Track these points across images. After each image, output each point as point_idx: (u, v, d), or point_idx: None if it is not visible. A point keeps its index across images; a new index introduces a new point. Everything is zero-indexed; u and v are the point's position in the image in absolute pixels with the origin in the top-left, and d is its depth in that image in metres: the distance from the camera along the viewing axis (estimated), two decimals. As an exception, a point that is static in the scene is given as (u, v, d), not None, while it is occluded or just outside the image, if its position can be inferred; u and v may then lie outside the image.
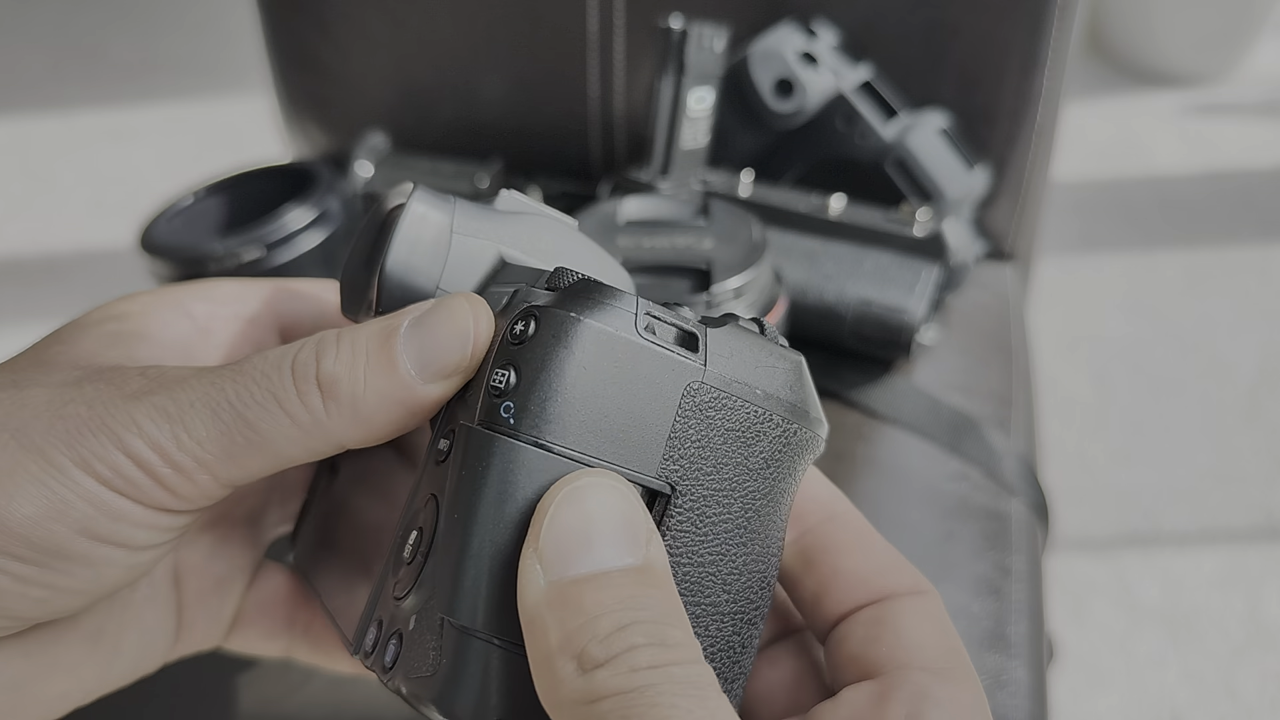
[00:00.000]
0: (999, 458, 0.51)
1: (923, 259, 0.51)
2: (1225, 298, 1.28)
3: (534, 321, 0.20)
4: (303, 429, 0.22)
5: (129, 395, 0.22)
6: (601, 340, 0.19)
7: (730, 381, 0.21)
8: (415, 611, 0.20)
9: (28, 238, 1.47)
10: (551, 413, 0.19)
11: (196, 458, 0.21)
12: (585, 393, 0.19)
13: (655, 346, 0.20)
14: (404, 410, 0.22)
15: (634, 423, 0.20)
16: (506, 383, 0.19)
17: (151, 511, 0.22)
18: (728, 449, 0.21)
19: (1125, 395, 1.16)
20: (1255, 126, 1.60)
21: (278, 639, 0.30)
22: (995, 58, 0.59)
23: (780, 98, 0.57)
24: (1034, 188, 0.65)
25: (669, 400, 0.20)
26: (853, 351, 0.53)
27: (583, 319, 0.19)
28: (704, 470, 0.21)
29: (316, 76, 0.69)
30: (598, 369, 0.19)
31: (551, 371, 0.19)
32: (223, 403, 0.22)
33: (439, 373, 0.22)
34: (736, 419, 0.21)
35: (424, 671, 0.19)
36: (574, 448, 0.19)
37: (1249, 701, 0.87)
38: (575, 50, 0.63)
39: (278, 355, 0.22)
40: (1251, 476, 1.06)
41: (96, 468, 0.21)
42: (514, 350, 0.20)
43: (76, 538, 0.21)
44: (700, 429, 0.20)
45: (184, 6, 2.04)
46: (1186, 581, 0.97)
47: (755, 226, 0.47)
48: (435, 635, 0.19)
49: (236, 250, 0.51)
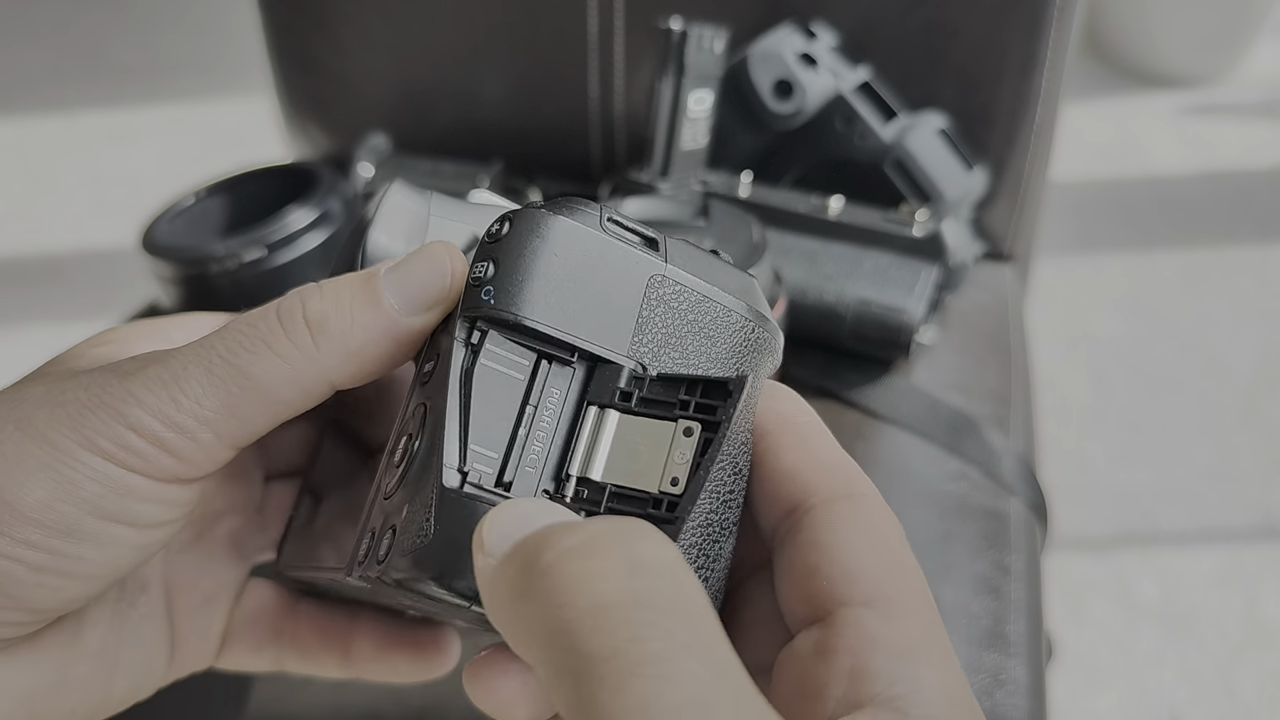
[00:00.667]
0: (998, 457, 0.51)
1: (922, 259, 0.52)
2: (1223, 298, 1.29)
3: (508, 221, 0.21)
4: (294, 366, 0.22)
5: (124, 374, 0.22)
6: (570, 232, 0.21)
7: (691, 278, 0.22)
8: (407, 500, 0.21)
9: (29, 238, 1.48)
10: (527, 292, 0.21)
11: (197, 416, 0.22)
12: (557, 278, 0.21)
13: (619, 242, 0.22)
14: (390, 341, 0.23)
15: (604, 307, 0.21)
16: (485, 272, 0.21)
17: (159, 484, 0.23)
18: (693, 340, 0.22)
19: (1124, 395, 1.16)
20: (1253, 127, 1.60)
21: (266, 651, 0.30)
22: (994, 59, 0.60)
23: (780, 99, 0.58)
24: (1032, 188, 0.65)
25: (634, 289, 0.22)
26: (852, 351, 0.53)
27: (552, 214, 0.21)
28: (675, 358, 0.22)
29: (317, 77, 0.70)
30: (568, 258, 0.21)
31: (525, 256, 0.21)
32: (214, 358, 0.22)
33: (421, 304, 0.23)
34: (698, 313, 0.22)
35: (418, 544, 0.20)
36: (550, 323, 0.21)
37: (1247, 700, 0.87)
38: (575, 52, 0.64)
39: (260, 309, 0.23)
40: (1249, 476, 1.06)
41: (101, 445, 0.22)
42: (491, 246, 0.21)
43: (87, 518, 0.22)
44: (665, 318, 0.22)
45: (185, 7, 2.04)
46: (1185, 580, 0.97)
47: (755, 227, 0.48)
48: (426, 509, 0.20)
49: (238, 251, 0.51)
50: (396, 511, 0.21)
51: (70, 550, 0.22)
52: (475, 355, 0.21)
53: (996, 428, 0.53)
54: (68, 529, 0.22)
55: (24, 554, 0.21)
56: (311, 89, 0.70)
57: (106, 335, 0.27)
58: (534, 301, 0.21)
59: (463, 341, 0.21)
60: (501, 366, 0.21)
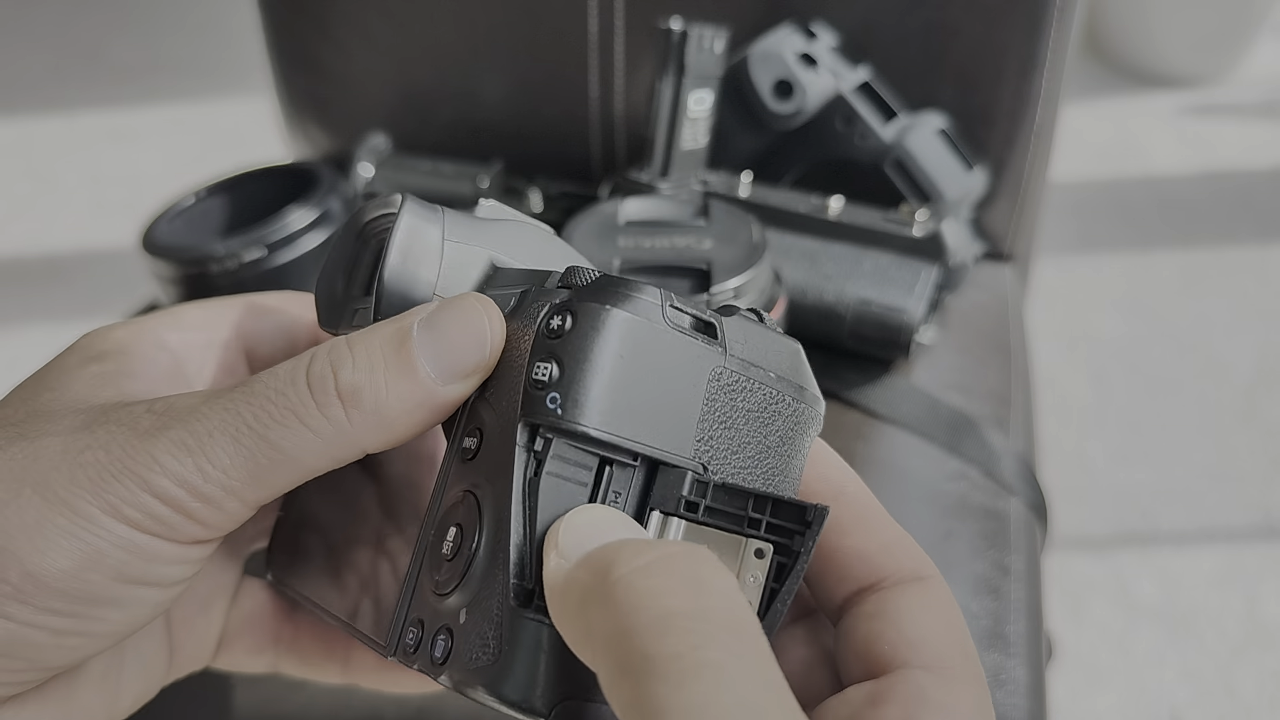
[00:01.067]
0: (997, 457, 0.51)
1: (922, 259, 0.52)
2: (1223, 298, 1.29)
3: (570, 316, 0.20)
4: (326, 441, 0.22)
5: (144, 433, 0.22)
6: (635, 330, 0.20)
7: (748, 365, 0.22)
8: (465, 605, 0.20)
9: (30, 238, 1.48)
10: (596, 401, 0.20)
11: (224, 486, 0.21)
12: (623, 381, 0.20)
13: (682, 334, 0.21)
14: (425, 412, 0.22)
15: (667, 408, 0.21)
16: (550, 375, 0.20)
17: (182, 547, 0.22)
18: (749, 429, 0.22)
19: (1123, 395, 1.16)
20: (1253, 127, 1.60)
21: (264, 654, 0.30)
22: (994, 59, 0.60)
23: (780, 99, 0.58)
24: (1032, 188, 0.65)
25: (697, 385, 0.21)
26: (852, 351, 0.53)
27: (617, 310, 0.20)
28: (730, 450, 0.22)
29: (317, 78, 0.70)
30: (633, 357, 0.20)
31: (593, 361, 0.20)
32: (242, 427, 0.22)
33: (458, 374, 0.22)
34: (754, 400, 0.22)
35: (483, 661, 0.20)
36: (617, 433, 0.20)
37: (1247, 700, 0.87)
38: (575, 52, 0.64)
39: (288, 370, 0.22)
40: (1249, 476, 1.06)
41: (126, 512, 0.21)
42: (553, 344, 0.20)
43: (112, 584, 0.21)
44: (724, 411, 0.22)
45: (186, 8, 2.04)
46: (1185, 580, 0.97)
47: (755, 227, 0.48)
48: (492, 625, 0.20)
49: (238, 251, 0.52)
50: (452, 614, 0.21)
51: (93, 614, 0.22)
52: (539, 464, 0.20)
53: (996, 428, 0.53)
54: (92, 596, 0.21)
55: (47, 621, 0.21)
56: (311, 89, 0.70)
57: (97, 345, 0.26)
58: (603, 411, 0.20)
59: (525, 447, 0.20)
60: (566, 476, 0.21)
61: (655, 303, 0.21)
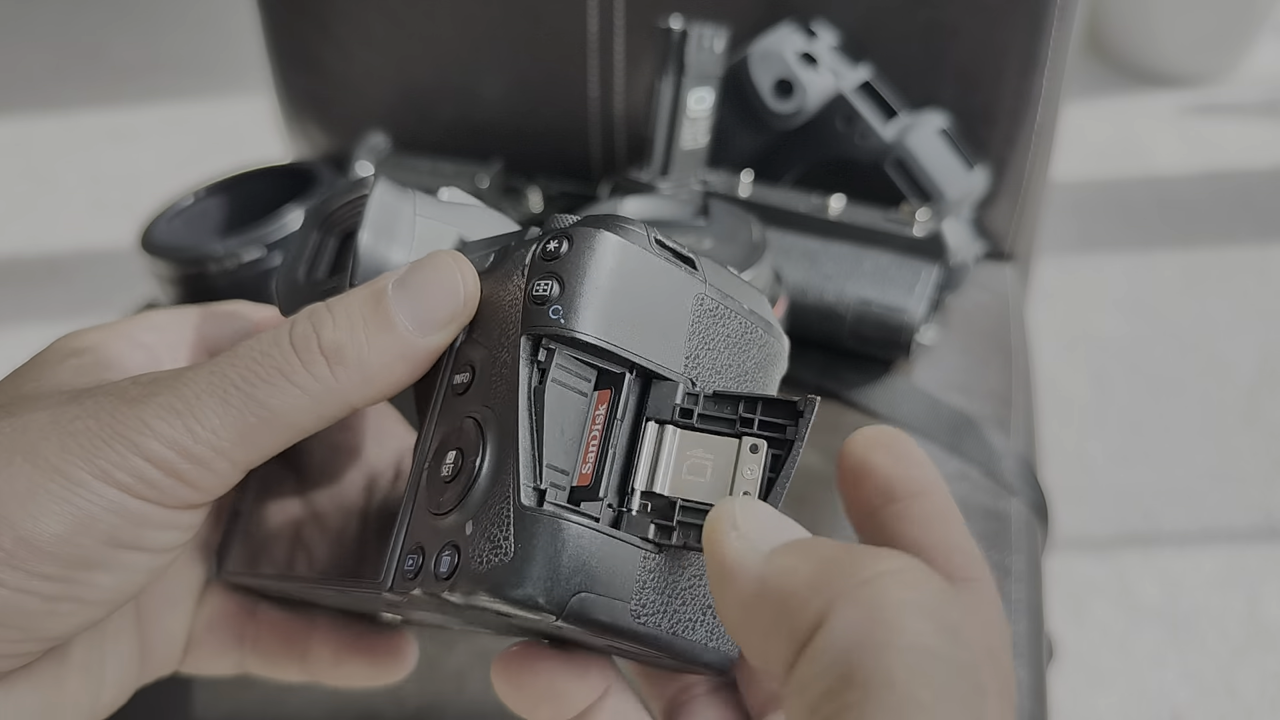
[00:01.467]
0: (998, 457, 0.51)
1: (922, 259, 0.52)
2: (1224, 298, 1.29)
3: (566, 239, 0.22)
4: (314, 398, 0.22)
5: (132, 400, 0.22)
6: (627, 252, 0.22)
7: (725, 295, 0.23)
8: (471, 517, 0.21)
9: (29, 238, 1.48)
10: (595, 310, 0.21)
11: (213, 446, 0.22)
12: (619, 297, 0.21)
13: (668, 262, 0.22)
14: (407, 364, 0.23)
15: (658, 324, 0.22)
16: (550, 290, 0.21)
17: (173, 511, 0.22)
18: (729, 354, 0.23)
19: (1124, 395, 1.16)
20: (1255, 127, 1.60)
21: (229, 655, 0.30)
22: (995, 58, 0.59)
23: (780, 98, 0.57)
24: (1033, 188, 0.65)
25: (684, 308, 0.22)
26: (852, 351, 0.53)
27: (610, 234, 0.22)
28: (714, 370, 0.23)
29: (317, 77, 0.69)
30: (626, 276, 0.22)
31: (590, 275, 0.21)
32: (229, 388, 0.22)
33: (435, 325, 0.23)
34: (732, 328, 0.23)
35: (494, 562, 0.20)
36: (616, 342, 0.21)
37: (1249, 701, 0.87)
38: (575, 51, 0.64)
39: (271, 335, 0.23)
40: (1250, 476, 1.06)
41: (117, 477, 0.21)
42: (552, 264, 0.22)
43: (104, 548, 0.22)
44: (708, 334, 0.23)
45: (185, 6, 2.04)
46: (1186, 581, 0.97)
47: (755, 226, 0.48)
48: (503, 527, 0.20)
49: (237, 250, 0.51)
50: (456, 530, 0.21)
51: (85, 579, 0.22)
52: (544, 373, 0.21)
53: (997, 428, 0.53)
54: (84, 560, 0.22)
55: (39, 586, 0.21)
56: (311, 89, 0.70)
57: (74, 343, 0.26)
58: (602, 320, 0.21)
59: (528, 359, 0.21)
60: (569, 384, 0.22)
61: (642, 233, 0.22)
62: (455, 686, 0.42)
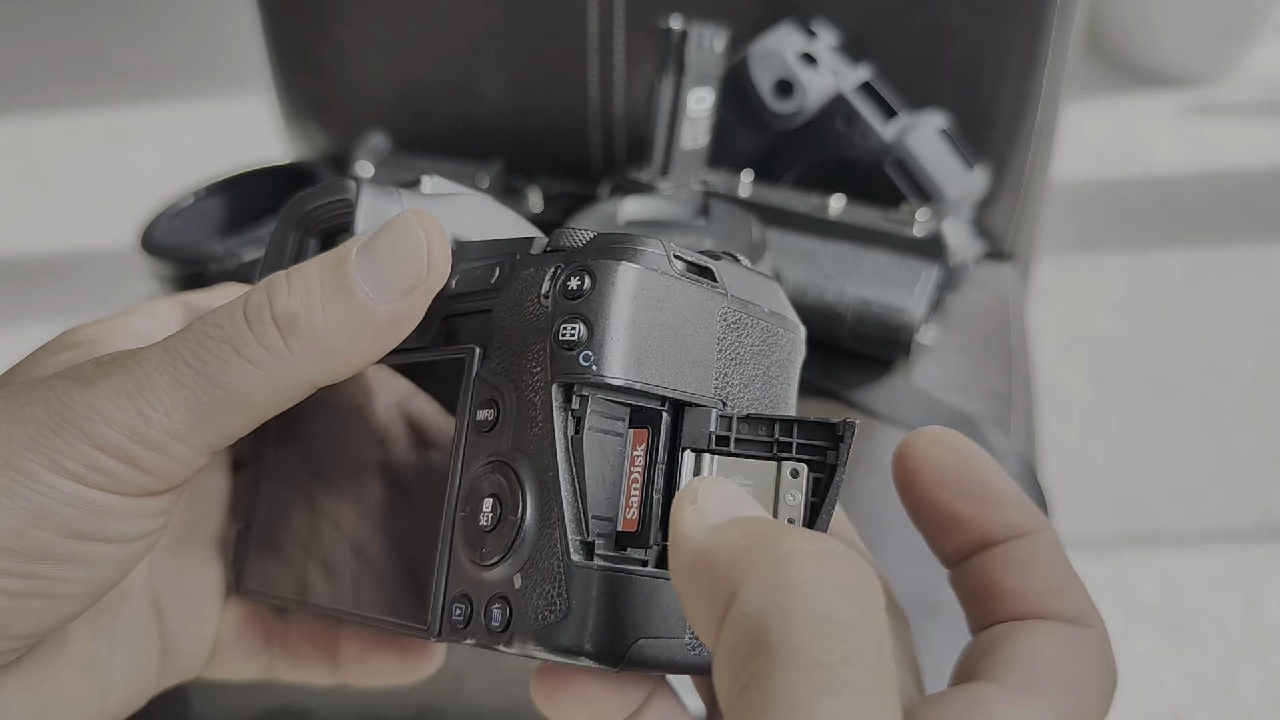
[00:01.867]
0: (999, 457, 0.51)
1: (922, 259, 0.52)
2: (1224, 298, 1.29)
3: (587, 275, 0.21)
4: (267, 372, 0.21)
5: (85, 382, 0.21)
6: (652, 282, 0.21)
7: (746, 304, 0.23)
8: (518, 571, 0.21)
9: (29, 238, 1.47)
10: (627, 353, 0.21)
11: (167, 430, 0.21)
12: (647, 331, 0.21)
13: (690, 281, 0.22)
14: (369, 335, 0.22)
15: (688, 352, 0.22)
16: (578, 334, 0.20)
17: (134, 500, 0.21)
18: (754, 363, 0.23)
19: (1124, 395, 1.16)
20: (1255, 126, 1.60)
21: (257, 659, 0.29)
22: (995, 58, 0.59)
23: (780, 98, 0.57)
24: (1033, 188, 0.65)
25: (710, 328, 0.22)
26: (852, 351, 0.53)
27: (633, 265, 0.21)
28: (743, 384, 0.23)
29: (317, 77, 0.69)
30: (653, 308, 0.21)
31: (620, 316, 0.21)
32: (180, 365, 0.21)
33: (398, 291, 0.22)
34: (755, 336, 0.23)
35: (551, 619, 0.20)
36: (650, 381, 0.21)
37: (1249, 701, 0.87)
38: (575, 50, 0.64)
39: (226, 307, 0.22)
40: (1250, 476, 1.06)
41: (69, 467, 0.20)
42: (576, 304, 0.21)
43: (64, 541, 0.21)
44: (734, 349, 0.23)
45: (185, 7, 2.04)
46: (1186, 581, 0.97)
47: (755, 226, 0.48)
48: (555, 584, 0.20)
49: (237, 250, 0.51)
50: (505, 582, 0.21)
51: (50, 573, 0.21)
52: (579, 422, 0.21)
53: (997, 428, 0.53)
54: (43, 554, 0.21)
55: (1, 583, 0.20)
56: (311, 89, 0.70)
57: (71, 336, 0.25)
58: (634, 361, 0.21)
59: (562, 408, 0.21)
60: (605, 429, 0.21)
61: (662, 253, 0.21)
62: (455, 687, 0.42)
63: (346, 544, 0.26)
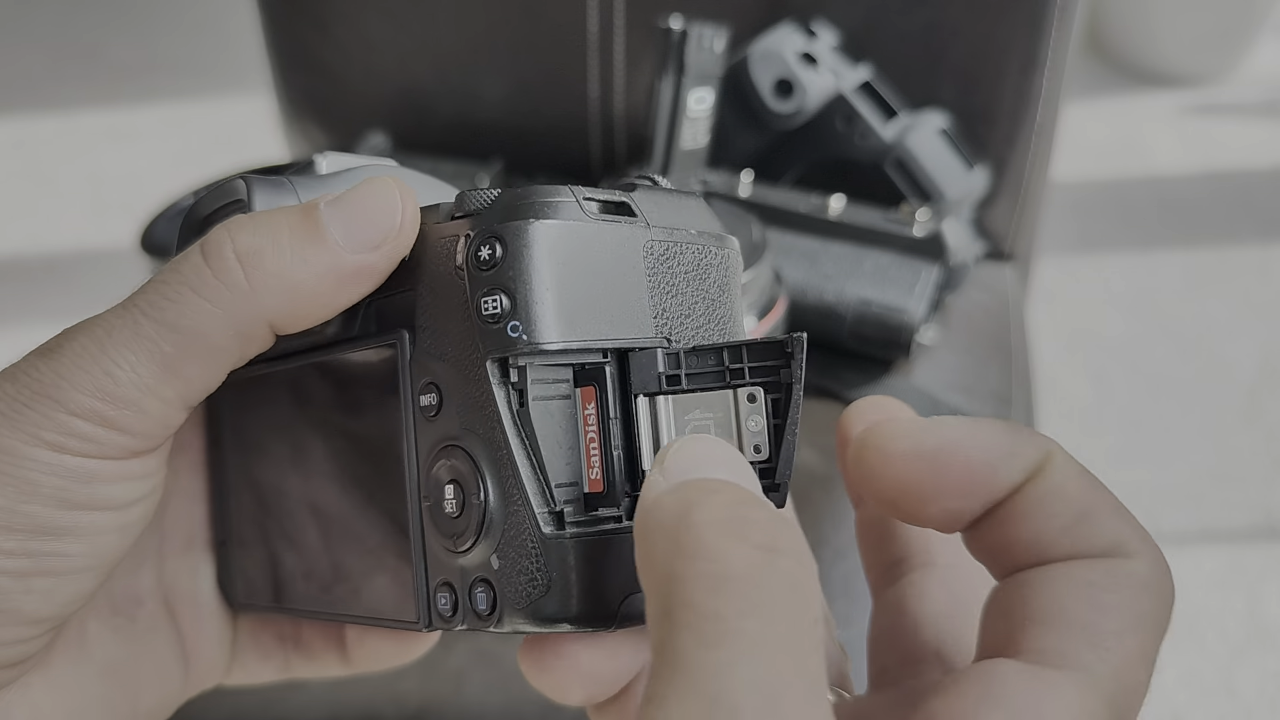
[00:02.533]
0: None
1: (922, 259, 0.52)
2: (1224, 298, 1.29)
3: (497, 242, 0.20)
4: (225, 309, 0.21)
5: (49, 353, 0.21)
6: (565, 234, 0.20)
7: (670, 230, 0.22)
8: (494, 551, 0.20)
9: (28, 238, 1.47)
10: (555, 315, 0.20)
11: (136, 385, 0.21)
12: (572, 286, 0.20)
13: (606, 222, 0.21)
14: (334, 280, 0.21)
15: (618, 296, 0.21)
16: (501, 305, 0.20)
17: (119, 462, 0.21)
18: (691, 290, 0.22)
19: (1124, 395, 1.16)
20: (1255, 126, 1.60)
21: (274, 658, 0.29)
22: (995, 58, 0.59)
23: (780, 98, 0.57)
24: (1033, 188, 0.65)
25: (636, 265, 0.21)
26: (852, 351, 0.53)
27: (542, 221, 0.20)
28: (683, 315, 0.22)
29: (317, 77, 0.69)
30: (572, 261, 0.20)
31: (537, 278, 0.20)
32: (139, 317, 0.21)
33: (369, 243, 0.21)
34: (686, 261, 0.22)
35: (535, 594, 0.20)
36: (585, 336, 0.20)
37: (1249, 701, 0.87)
38: (575, 50, 0.64)
39: (179, 255, 0.21)
40: (1250, 476, 1.06)
41: (46, 437, 0.20)
42: (491, 274, 0.20)
43: (57, 513, 0.21)
44: (666, 280, 0.22)
45: (184, 6, 2.04)
46: (1186, 581, 0.97)
47: (755, 226, 0.48)
48: (532, 559, 0.20)
49: (237, 250, 0.51)
50: (482, 565, 0.21)
51: (50, 548, 0.21)
52: (521, 394, 0.20)
53: (997, 428, 0.53)
54: (39, 528, 0.21)
55: (2, 564, 0.20)
56: (310, 88, 0.70)
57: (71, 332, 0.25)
58: (564, 320, 0.20)
59: (501, 383, 0.20)
60: (550, 395, 0.20)
61: (571, 200, 0.20)
62: (455, 687, 0.42)
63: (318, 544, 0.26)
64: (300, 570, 0.26)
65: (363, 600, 0.24)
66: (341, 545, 0.25)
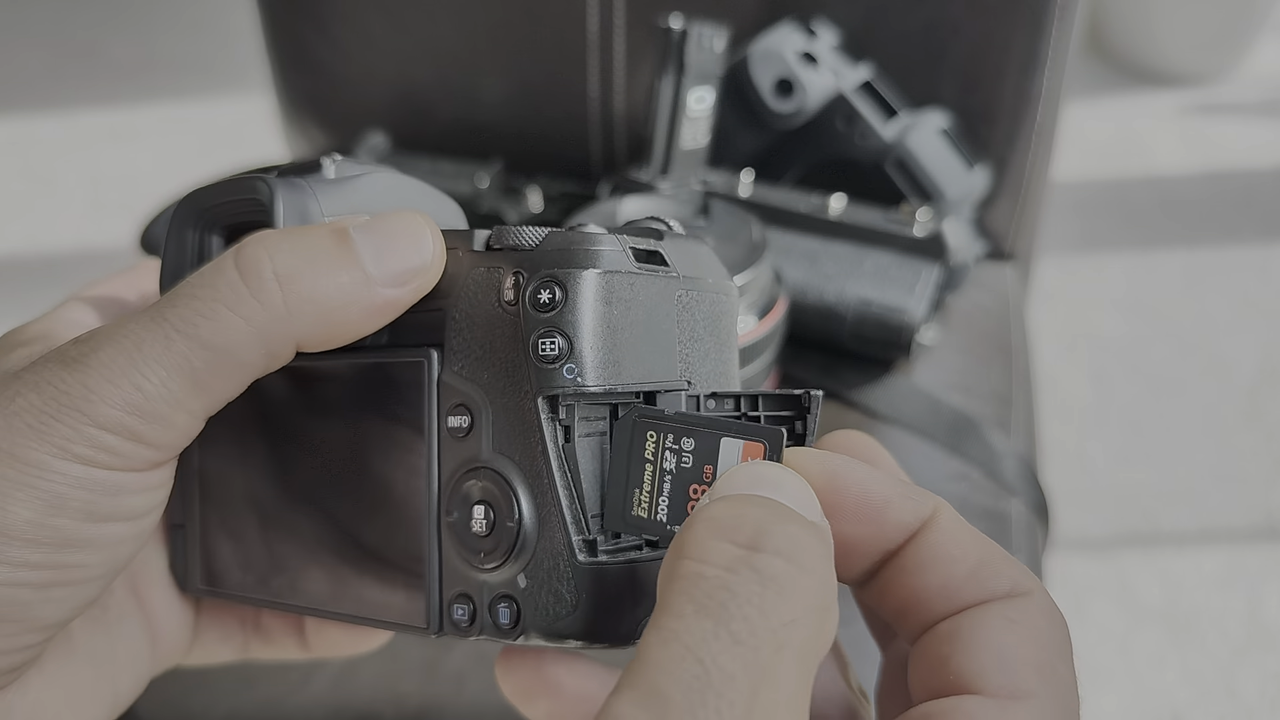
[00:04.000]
0: (999, 458, 0.51)
1: (923, 259, 0.51)
2: (1225, 297, 1.28)
3: (557, 287, 0.21)
4: (259, 329, 0.21)
5: (72, 363, 0.21)
6: (618, 284, 0.22)
7: (693, 280, 0.24)
8: (522, 570, 0.21)
9: (28, 238, 1.47)
10: (607, 361, 0.21)
11: (166, 400, 0.21)
12: (621, 333, 0.22)
13: (648, 273, 0.22)
14: (361, 311, 0.22)
15: (654, 342, 0.22)
16: (558, 348, 0.21)
17: (142, 474, 0.21)
18: (707, 336, 0.24)
19: (1125, 395, 1.16)
20: (1255, 126, 1.60)
21: (233, 639, 0.29)
22: (995, 57, 0.59)
23: (780, 98, 0.57)
24: (1034, 187, 0.64)
25: (669, 314, 0.23)
26: (852, 351, 0.53)
27: (600, 271, 0.21)
28: (700, 359, 0.24)
29: (316, 76, 0.69)
30: (621, 312, 0.22)
31: (596, 327, 0.21)
32: (170, 332, 0.21)
33: (398, 278, 0.22)
34: (705, 311, 0.24)
35: (561, 613, 0.21)
36: (628, 381, 0.22)
37: (1249, 701, 0.87)
38: (575, 50, 0.63)
39: (212, 266, 0.21)
40: (1251, 476, 1.06)
41: (76, 450, 0.20)
42: (550, 317, 0.21)
43: (83, 525, 0.21)
44: (690, 328, 0.23)
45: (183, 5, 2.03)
46: (1186, 581, 0.97)
47: (755, 226, 0.47)
48: (564, 581, 0.21)
49: (236, 250, 0.51)
50: (508, 583, 0.22)
51: (71, 560, 0.21)
52: (568, 430, 0.21)
53: (998, 428, 0.53)
54: (65, 541, 0.21)
55: (25, 576, 0.20)
56: (310, 88, 0.70)
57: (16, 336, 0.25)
58: (613, 366, 0.21)
59: (550, 419, 0.21)
60: (593, 433, 0.22)
61: (619, 249, 0.22)
62: (455, 687, 0.42)
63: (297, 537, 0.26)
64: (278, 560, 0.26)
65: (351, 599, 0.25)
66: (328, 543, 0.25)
